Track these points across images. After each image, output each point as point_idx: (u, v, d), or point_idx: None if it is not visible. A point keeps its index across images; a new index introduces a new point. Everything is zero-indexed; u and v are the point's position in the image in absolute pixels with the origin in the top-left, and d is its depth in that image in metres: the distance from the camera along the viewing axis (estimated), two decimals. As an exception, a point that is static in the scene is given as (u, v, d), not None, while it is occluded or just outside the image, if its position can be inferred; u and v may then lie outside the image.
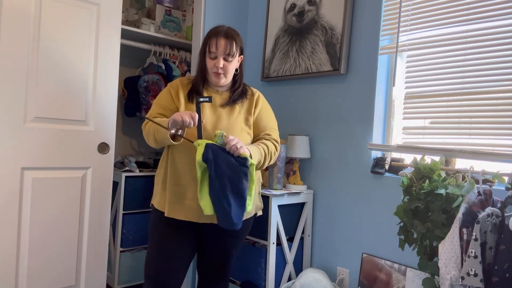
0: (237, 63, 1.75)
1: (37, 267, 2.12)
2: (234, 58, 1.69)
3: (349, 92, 2.33)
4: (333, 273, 2.34)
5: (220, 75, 1.68)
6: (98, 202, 2.31)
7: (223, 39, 1.65)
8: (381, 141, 2.24)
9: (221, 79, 1.70)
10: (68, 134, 2.19)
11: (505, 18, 1.79)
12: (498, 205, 1.45)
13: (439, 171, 1.62)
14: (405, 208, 1.66)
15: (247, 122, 1.75)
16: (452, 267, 1.37)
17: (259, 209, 1.86)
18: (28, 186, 2.07)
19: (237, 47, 1.69)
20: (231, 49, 1.66)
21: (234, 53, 1.68)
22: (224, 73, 1.68)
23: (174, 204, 1.66)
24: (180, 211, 1.65)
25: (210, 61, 1.68)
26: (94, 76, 2.27)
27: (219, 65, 1.65)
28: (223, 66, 1.67)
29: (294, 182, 2.46)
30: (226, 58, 1.67)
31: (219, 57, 1.66)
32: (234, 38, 1.68)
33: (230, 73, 1.71)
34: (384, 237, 2.12)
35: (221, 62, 1.66)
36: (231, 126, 1.68)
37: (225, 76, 1.69)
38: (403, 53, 2.18)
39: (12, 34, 2.00)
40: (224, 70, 1.68)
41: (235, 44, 1.68)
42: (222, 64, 1.66)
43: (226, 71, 1.68)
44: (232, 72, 1.72)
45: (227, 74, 1.69)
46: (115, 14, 2.33)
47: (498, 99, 1.82)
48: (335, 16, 2.37)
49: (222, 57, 1.66)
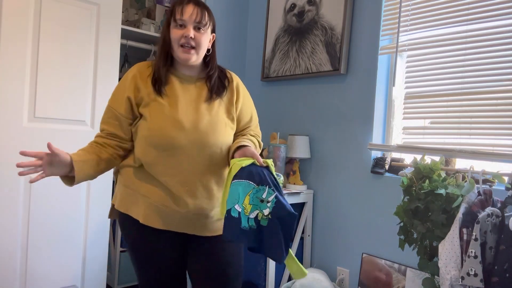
0: (209, 42, 1.41)
1: (37, 267, 2.12)
2: (206, 30, 1.36)
3: (349, 92, 2.33)
4: (333, 273, 2.34)
5: (190, 50, 1.33)
6: (98, 202, 2.31)
7: (192, 5, 1.34)
8: (381, 141, 2.24)
9: (191, 55, 1.34)
10: (68, 134, 2.19)
11: (505, 18, 1.79)
12: (498, 205, 1.45)
13: (439, 171, 1.62)
14: (405, 208, 1.66)
15: (229, 115, 1.44)
16: (452, 267, 1.37)
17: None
18: (28, 186, 2.07)
19: (210, 19, 1.37)
20: (202, 17, 1.34)
21: (207, 23, 1.36)
22: (195, 46, 1.33)
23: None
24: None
25: (177, 31, 1.33)
26: (94, 76, 2.27)
27: (189, 34, 1.31)
28: (194, 36, 1.32)
29: (294, 182, 2.46)
30: (196, 28, 1.34)
31: (188, 25, 1.32)
32: (206, 6, 1.38)
33: (202, 49, 1.36)
34: (384, 237, 2.12)
35: (192, 31, 1.32)
36: (214, 122, 1.37)
37: (196, 51, 1.34)
38: (403, 53, 2.18)
39: (12, 34, 2.00)
40: (196, 42, 1.33)
41: (207, 14, 1.36)
42: (192, 34, 1.32)
43: (197, 44, 1.33)
44: (204, 48, 1.37)
45: (198, 48, 1.34)
46: (115, 14, 2.33)
47: (498, 99, 1.82)
48: (335, 16, 2.37)
49: (192, 25, 1.33)
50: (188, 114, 1.35)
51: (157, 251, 1.41)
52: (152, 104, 1.35)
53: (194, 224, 1.40)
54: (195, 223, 1.40)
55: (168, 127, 1.32)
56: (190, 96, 1.39)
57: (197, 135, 1.34)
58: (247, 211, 1.24)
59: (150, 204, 1.37)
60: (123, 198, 1.43)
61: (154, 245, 1.41)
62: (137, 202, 1.39)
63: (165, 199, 1.36)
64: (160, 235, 1.39)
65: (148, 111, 1.35)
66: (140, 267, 1.44)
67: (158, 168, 1.35)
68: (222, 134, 1.38)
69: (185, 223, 1.39)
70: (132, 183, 1.40)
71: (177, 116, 1.33)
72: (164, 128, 1.32)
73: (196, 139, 1.34)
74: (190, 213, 1.37)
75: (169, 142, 1.32)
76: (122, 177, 1.45)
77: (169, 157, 1.34)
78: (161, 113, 1.34)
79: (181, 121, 1.33)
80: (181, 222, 1.38)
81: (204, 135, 1.35)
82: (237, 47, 3.00)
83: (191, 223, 1.40)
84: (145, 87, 1.36)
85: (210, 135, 1.36)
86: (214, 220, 1.43)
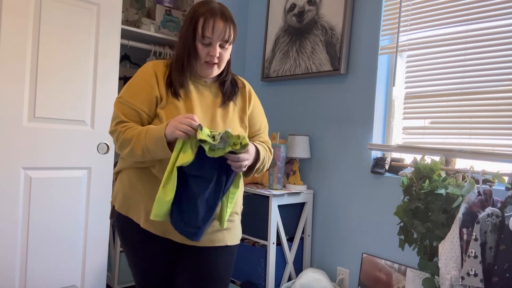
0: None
1: (37, 267, 2.12)
2: (230, 45, 1.37)
3: (349, 92, 2.33)
4: (333, 273, 2.34)
5: (213, 66, 1.35)
6: (98, 202, 2.31)
7: (221, 22, 1.31)
8: (381, 141, 2.24)
9: (214, 70, 1.36)
10: (68, 134, 2.19)
11: (505, 18, 1.79)
12: (498, 205, 1.45)
13: (439, 171, 1.62)
14: (405, 208, 1.66)
15: (243, 124, 1.45)
16: (452, 267, 1.37)
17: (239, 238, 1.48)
18: (28, 186, 2.07)
19: (234, 32, 1.36)
20: (230, 34, 1.33)
21: (232, 40, 1.36)
22: (218, 62, 1.35)
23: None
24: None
25: (204, 48, 1.32)
26: (94, 76, 2.27)
27: (215, 54, 1.32)
28: (219, 54, 1.33)
29: (294, 182, 2.46)
30: (222, 44, 1.33)
31: (214, 44, 1.31)
32: (232, 20, 1.35)
33: (224, 63, 1.39)
34: (384, 237, 2.12)
35: (217, 50, 1.32)
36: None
37: (218, 66, 1.36)
38: (403, 53, 2.18)
39: (12, 34, 1.99)
40: (220, 59, 1.35)
41: (233, 29, 1.34)
42: (218, 53, 1.32)
43: (221, 59, 1.35)
44: (226, 61, 1.39)
45: (221, 63, 1.37)
46: (115, 14, 2.33)
47: (498, 99, 1.82)
48: (335, 16, 2.37)
49: (219, 43, 1.32)
50: (203, 119, 1.34)
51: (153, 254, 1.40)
52: (168, 106, 1.33)
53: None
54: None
55: None
56: (206, 102, 1.38)
57: None
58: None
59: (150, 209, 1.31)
60: (123, 200, 1.40)
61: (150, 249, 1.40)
62: (138, 205, 1.36)
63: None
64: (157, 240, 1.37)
65: (164, 113, 1.32)
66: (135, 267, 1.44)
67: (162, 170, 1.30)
68: None
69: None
70: (133, 186, 1.37)
71: None
72: None
73: None
74: None
75: None
76: (123, 178, 1.42)
77: None
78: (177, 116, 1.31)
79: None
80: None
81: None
82: (237, 47, 3.00)
83: None
84: (162, 87, 1.35)
85: None
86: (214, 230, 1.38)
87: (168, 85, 1.34)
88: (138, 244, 1.40)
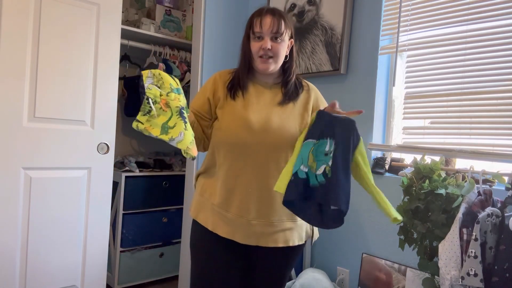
0: (287, 48, 1.45)
1: (37, 267, 2.12)
2: (283, 39, 1.39)
3: (349, 92, 2.33)
4: (333, 273, 2.34)
5: (268, 60, 1.38)
6: (98, 202, 2.31)
7: (269, 16, 1.37)
8: (381, 141, 2.24)
9: (269, 65, 1.39)
10: (68, 134, 2.19)
11: (505, 18, 1.79)
12: (498, 205, 1.45)
13: (439, 171, 1.62)
14: (405, 208, 1.66)
15: (303, 121, 1.44)
16: (452, 267, 1.37)
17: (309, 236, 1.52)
18: (28, 186, 2.07)
19: (286, 27, 1.40)
20: (279, 27, 1.37)
21: (283, 33, 1.38)
22: (272, 56, 1.38)
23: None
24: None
25: (255, 43, 1.39)
26: (94, 76, 2.27)
27: (266, 46, 1.36)
28: (272, 47, 1.37)
29: (294, 182, 2.46)
30: (274, 38, 1.38)
31: (265, 37, 1.37)
32: (282, 15, 1.40)
33: (280, 58, 1.41)
34: (384, 237, 2.12)
35: (269, 43, 1.37)
36: (283, 126, 1.39)
37: (274, 61, 1.39)
38: (403, 53, 2.18)
39: (12, 34, 2.00)
40: (273, 52, 1.38)
41: (283, 23, 1.38)
42: (270, 45, 1.37)
43: (275, 54, 1.38)
44: (282, 57, 1.42)
45: (276, 58, 1.39)
46: (115, 14, 2.33)
47: (498, 99, 1.81)
48: (335, 16, 2.37)
49: (269, 37, 1.37)
50: (258, 116, 1.38)
51: (220, 258, 1.43)
52: (226, 107, 1.42)
53: (256, 233, 1.39)
54: (256, 231, 1.39)
55: (236, 127, 1.37)
56: (264, 100, 1.43)
57: (265, 136, 1.36)
58: (314, 168, 1.22)
59: (214, 210, 1.41)
60: (194, 205, 1.50)
61: (219, 252, 1.43)
62: (205, 208, 1.44)
63: (227, 203, 1.39)
64: (226, 243, 1.41)
65: (221, 112, 1.42)
66: (198, 268, 1.46)
67: (224, 168, 1.40)
68: (290, 139, 1.37)
69: (248, 232, 1.39)
70: (202, 190, 1.48)
71: (247, 116, 1.37)
72: (233, 128, 1.37)
73: (263, 141, 1.36)
74: (253, 219, 1.38)
75: (236, 141, 1.37)
76: (197, 183, 1.53)
77: (236, 159, 1.38)
78: (232, 113, 1.40)
79: (250, 122, 1.36)
80: (243, 230, 1.39)
81: (271, 136, 1.37)
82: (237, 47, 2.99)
83: (252, 232, 1.39)
84: (223, 90, 1.44)
85: (278, 138, 1.37)
86: (277, 230, 1.41)
87: (229, 89, 1.44)
88: (205, 245, 1.45)
